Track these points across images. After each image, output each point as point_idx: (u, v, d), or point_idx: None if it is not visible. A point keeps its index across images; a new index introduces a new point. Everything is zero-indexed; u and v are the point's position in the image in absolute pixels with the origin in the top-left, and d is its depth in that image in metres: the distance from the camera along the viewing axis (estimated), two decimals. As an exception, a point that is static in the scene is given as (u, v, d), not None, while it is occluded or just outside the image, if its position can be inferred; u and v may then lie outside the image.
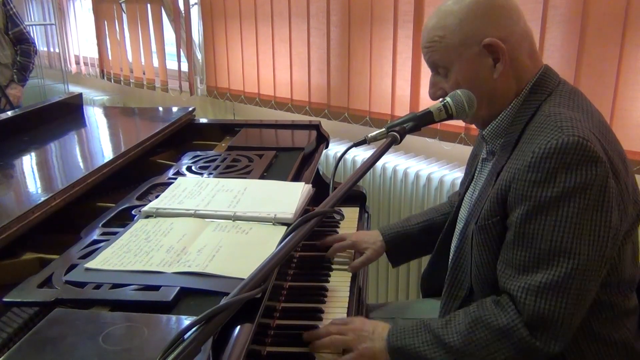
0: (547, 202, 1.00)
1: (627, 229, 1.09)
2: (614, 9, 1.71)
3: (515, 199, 1.04)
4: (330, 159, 2.55)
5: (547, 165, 1.00)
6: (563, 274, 1.00)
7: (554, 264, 1.00)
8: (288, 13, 2.71)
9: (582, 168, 0.98)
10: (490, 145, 1.21)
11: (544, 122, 1.06)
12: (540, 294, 1.01)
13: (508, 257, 1.07)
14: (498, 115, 1.17)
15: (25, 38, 3.29)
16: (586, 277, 1.00)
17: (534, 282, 1.02)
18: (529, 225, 1.03)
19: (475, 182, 1.29)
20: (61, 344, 0.79)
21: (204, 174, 1.52)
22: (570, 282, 1.00)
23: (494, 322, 1.04)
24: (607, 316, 1.11)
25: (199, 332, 0.65)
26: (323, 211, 0.89)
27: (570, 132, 1.00)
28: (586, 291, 1.01)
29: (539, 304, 1.01)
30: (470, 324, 1.07)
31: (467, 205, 1.29)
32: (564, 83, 1.17)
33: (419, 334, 1.10)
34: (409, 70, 2.26)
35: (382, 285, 2.47)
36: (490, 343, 1.04)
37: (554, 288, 1.00)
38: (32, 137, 1.80)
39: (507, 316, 1.04)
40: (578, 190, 0.98)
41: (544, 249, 1.01)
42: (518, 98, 1.15)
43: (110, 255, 1.05)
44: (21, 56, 3.25)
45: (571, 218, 0.99)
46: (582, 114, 1.08)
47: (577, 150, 0.98)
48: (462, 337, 1.06)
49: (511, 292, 1.05)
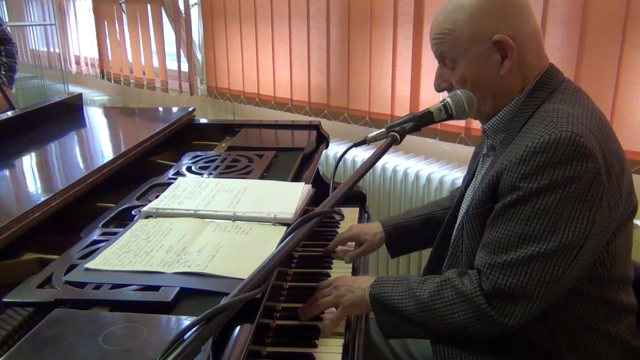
0: (531, 192, 1.02)
1: (617, 227, 1.10)
2: (614, 9, 1.71)
3: (504, 189, 1.06)
4: (330, 159, 2.55)
5: (537, 160, 1.01)
6: (528, 256, 1.03)
7: (521, 246, 1.04)
8: (288, 13, 2.71)
9: (572, 163, 1.00)
10: (490, 140, 1.22)
11: (541, 118, 1.07)
12: (502, 271, 1.05)
13: (483, 239, 1.12)
14: (500, 110, 1.17)
15: (7, 38, 3.24)
16: (553, 262, 1.02)
17: (500, 260, 1.06)
18: (508, 211, 1.06)
19: (476, 178, 1.30)
20: (61, 344, 0.79)
21: (204, 174, 1.52)
22: (533, 264, 1.02)
23: (459, 286, 1.10)
24: (600, 311, 1.12)
25: (199, 333, 0.65)
26: (323, 211, 0.89)
27: (564, 128, 1.01)
28: (551, 276, 1.02)
29: (499, 279, 1.05)
30: (440, 283, 1.13)
31: (467, 201, 1.29)
32: (567, 81, 1.17)
33: (398, 285, 1.17)
34: (408, 70, 2.26)
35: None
36: (452, 303, 1.10)
37: (516, 266, 1.04)
38: (32, 137, 1.80)
39: (470, 284, 1.09)
40: (562, 183, 1.00)
41: (515, 232, 1.04)
42: (521, 94, 1.15)
43: (110, 255, 1.05)
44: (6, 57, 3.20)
45: (549, 208, 1.01)
46: (582, 110, 1.08)
47: (569, 145, 0.99)
48: (430, 292, 1.12)
49: (478, 267, 1.10)
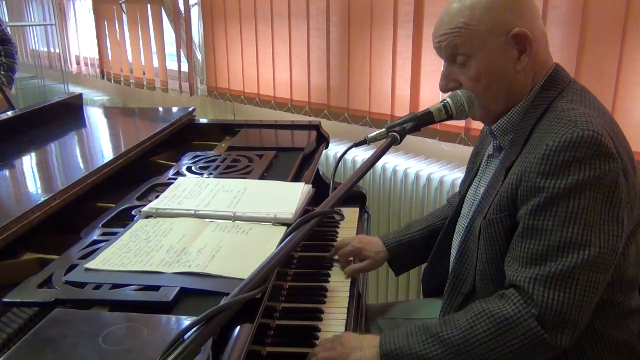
0: (558, 194, 0.99)
1: (632, 229, 1.09)
2: (614, 9, 1.71)
3: (527, 191, 1.03)
4: (330, 159, 2.55)
5: (560, 158, 0.99)
6: (573, 265, 0.98)
7: (563, 255, 0.99)
8: (288, 13, 2.71)
9: (596, 162, 0.98)
10: (498, 140, 1.20)
11: (557, 117, 1.05)
12: (549, 284, 0.98)
13: (516, 250, 1.05)
14: (509, 110, 1.16)
15: (6, 39, 3.23)
16: (595, 270, 0.99)
17: (543, 272, 0.99)
18: (538, 217, 1.01)
19: (479, 178, 1.28)
20: (61, 344, 0.79)
21: (204, 174, 1.52)
22: (579, 273, 0.98)
23: (499, 313, 1.01)
24: (609, 316, 1.10)
25: (199, 333, 0.65)
26: (323, 211, 0.89)
27: (584, 127, 0.99)
28: (595, 284, 0.99)
29: (547, 294, 0.98)
30: (471, 317, 1.04)
31: (470, 202, 1.29)
32: (574, 81, 1.17)
33: (414, 335, 1.07)
34: (408, 70, 2.26)
35: (382, 285, 2.47)
36: (494, 335, 1.00)
37: (562, 278, 0.98)
38: (32, 137, 1.80)
39: (513, 307, 1.01)
40: (590, 184, 0.98)
41: (553, 240, 1.00)
42: (530, 94, 1.14)
43: (110, 255, 1.05)
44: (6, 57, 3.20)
45: (582, 210, 0.98)
46: (594, 111, 1.08)
47: (592, 144, 0.98)
48: (462, 330, 1.03)
49: (518, 283, 1.02)
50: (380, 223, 2.40)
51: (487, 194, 1.17)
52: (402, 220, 2.31)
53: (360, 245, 1.48)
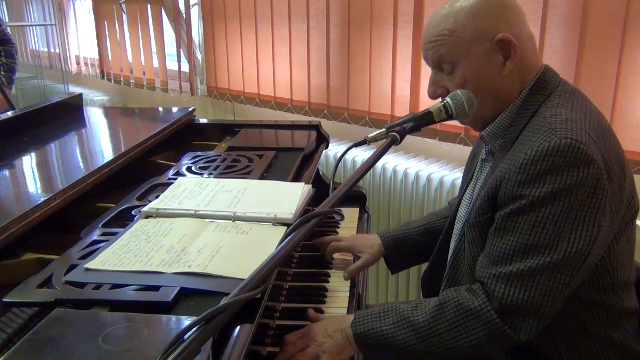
0: (533, 201, 1.01)
1: (619, 230, 1.09)
2: (614, 9, 1.71)
3: (505, 198, 1.05)
4: (330, 159, 2.55)
5: (537, 168, 1.00)
6: (534, 267, 1.00)
7: (527, 257, 1.01)
8: (288, 13, 2.71)
9: (573, 170, 0.98)
10: (489, 146, 1.21)
11: (540, 124, 1.06)
12: (509, 282, 1.02)
13: (486, 249, 1.09)
14: (499, 116, 1.16)
15: (7, 39, 3.23)
16: (558, 272, 1.00)
17: (505, 270, 1.03)
18: (510, 220, 1.04)
19: (474, 182, 1.29)
20: (61, 344, 0.79)
21: (204, 174, 1.52)
22: (540, 275, 1.00)
23: (465, 304, 1.05)
24: (602, 317, 1.11)
25: (199, 333, 0.65)
26: (323, 211, 0.89)
27: (562, 135, 1.00)
28: (558, 286, 1.01)
29: (507, 291, 1.02)
30: (440, 304, 1.07)
31: (466, 205, 1.29)
32: (564, 83, 1.16)
33: (385, 316, 1.09)
34: (408, 70, 2.26)
35: (382, 285, 2.47)
36: (459, 323, 1.04)
37: (522, 278, 1.01)
38: (32, 137, 1.80)
39: (478, 300, 1.05)
40: (565, 191, 0.98)
41: (520, 242, 1.02)
42: (518, 99, 1.14)
43: (110, 255, 1.05)
44: (6, 57, 3.19)
45: (553, 216, 0.99)
46: (581, 113, 1.07)
47: (569, 152, 0.98)
48: (430, 315, 1.06)
49: (482, 280, 1.06)
50: (380, 223, 2.40)
51: (477, 198, 1.17)
52: (402, 220, 2.31)
53: (354, 242, 1.48)
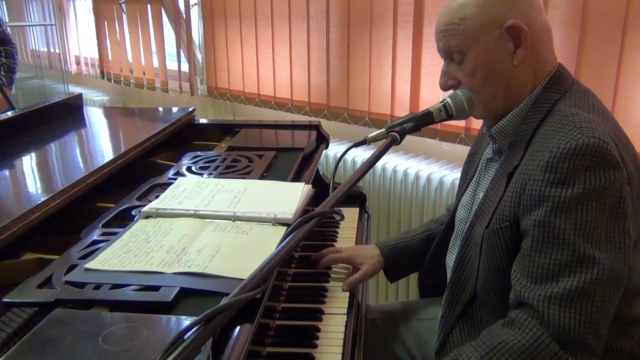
0: (565, 204, 0.95)
1: (636, 238, 1.05)
2: (614, 9, 1.71)
3: (532, 200, 0.99)
4: (330, 159, 2.55)
5: (565, 166, 0.95)
6: (588, 281, 0.93)
7: (576, 271, 0.94)
8: (288, 14, 2.71)
9: (602, 171, 0.94)
10: (498, 144, 1.17)
11: (561, 122, 1.02)
12: (565, 303, 0.93)
13: (525, 265, 1.00)
14: (510, 110, 1.13)
15: (7, 39, 3.23)
16: (610, 283, 0.95)
17: (557, 289, 0.94)
18: (546, 230, 0.97)
19: (477, 182, 1.26)
20: (61, 344, 0.79)
21: (204, 174, 1.52)
22: (595, 289, 0.93)
23: (515, 344, 0.94)
24: (612, 326, 1.05)
25: (199, 333, 0.65)
26: (323, 212, 0.89)
27: (590, 134, 0.96)
28: (611, 297, 0.96)
29: (564, 313, 0.93)
30: (486, 354, 0.96)
31: (466, 206, 1.27)
32: (577, 83, 1.13)
33: None
34: (408, 70, 2.26)
35: (382, 285, 2.47)
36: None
37: (579, 296, 0.93)
38: (32, 137, 1.80)
39: (530, 333, 0.94)
40: (596, 194, 0.94)
41: (565, 255, 0.95)
42: (531, 95, 1.11)
43: (110, 255, 1.05)
44: (6, 58, 3.19)
45: (590, 222, 0.94)
46: (598, 116, 1.05)
47: (597, 152, 0.95)
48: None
49: (531, 303, 0.96)
50: (380, 223, 2.40)
51: (488, 199, 1.14)
52: (402, 220, 2.31)
53: (353, 253, 1.44)
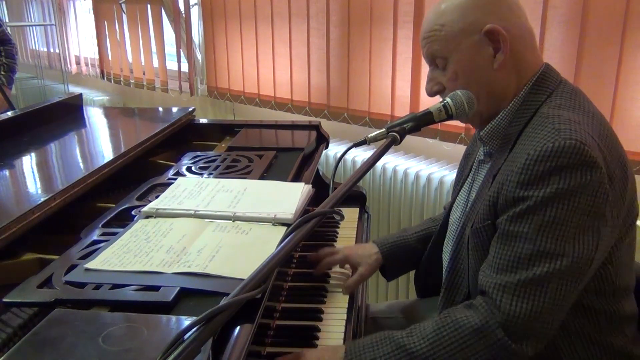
0: (536, 203, 0.98)
1: (620, 236, 1.07)
2: (614, 9, 1.71)
3: (506, 200, 1.02)
4: (330, 159, 2.55)
5: (540, 168, 0.97)
6: (543, 274, 0.97)
7: (534, 264, 0.97)
8: (288, 13, 2.71)
9: (577, 172, 0.96)
10: (487, 146, 1.19)
11: (542, 124, 1.04)
12: (516, 293, 0.97)
13: (490, 257, 1.05)
14: (497, 114, 1.14)
15: (7, 39, 3.22)
16: (566, 280, 0.97)
17: (512, 279, 0.98)
18: (514, 224, 1.00)
19: (470, 184, 1.26)
20: (61, 344, 0.79)
21: (203, 174, 1.52)
22: (549, 283, 0.97)
23: (466, 323, 0.99)
24: (603, 323, 1.09)
25: (199, 333, 0.65)
26: (323, 212, 0.89)
27: (567, 135, 0.97)
28: (565, 293, 0.98)
29: (514, 302, 0.97)
30: (437, 328, 1.01)
31: (460, 207, 1.27)
32: (565, 83, 1.14)
33: (380, 346, 1.03)
34: (408, 70, 2.26)
35: (382, 285, 2.47)
36: (461, 346, 0.98)
37: (531, 287, 0.97)
38: (32, 137, 1.80)
39: (480, 316, 0.99)
40: (569, 193, 0.96)
41: (526, 248, 0.98)
42: (517, 97, 1.12)
43: (110, 255, 1.05)
44: (6, 57, 3.19)
45: (558, 220, 0.96)
46: (583, 115, 1.05)
47: (573, 153, 0.96)
48: (428, 342, 1.00)
49: (486, 290, 1.02)
50: (380, 223, 2.40)
51: (477, 201, 1.15)
52: (402, 220, 2.31)
53: (350, 253, 1.42)
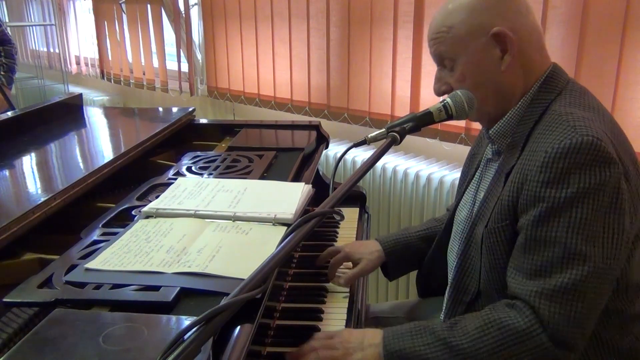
0: (560, 203, 0.97)
1: (637, 233, 1.06)
2: (614, 9, 1.71)
3: (528, 200, 1.02)
4: (330, 159, 2.55)
5: (560, 165, 0.97)
6: (579, 277, 0.96)
7: (568, 267, 0.97)
8: (288, 13, 2.71)
9: (596, 169, 0.96)
10: (496, 145, 1.18)
11: (555, 121, 1.03)
12: (555, 299, 0.97)
13: (519, 262, 1.03)
14: (505, 113, 1.14)
15: (7, 39, 3.22)
16: (601, 280, 0.97)
17: (548, 286, 0.98)
18: (541, 228, 1.00)
19: (478, 182, 1.26)
20: (61, 344, 0.79)
21: (204, 174, 1.52)
22: (586, 285, 0.96)
23: (511, 325, 0.99)
24: (614, 323, 1.08)
25: (199, 333, 0.65)
26: (323, 212, 0.89)
27: (584, 132, 0.98)
28: (601, 295, 0.98)
29: (555, 309, 0.97)
30: (481, 326, 1.01)
31: (467, 207, 1.27)
32: (573, 82, 1.14)
33: (419, 336, 1.04)
34: (409, 70, 2.26)
35: (382, 285, 2.47)
36: (503, 346, 0.98)
37: (569, 292, 0.96)
38: (32, 137, 1.80)
39: (525, 319, 0.99)
40: (591, 192, 0.96)
41: (557, 252, 0.98)
42: (526, 96, 1.12)
43: (110, 255, 1.05)
44: (5, 57, 3.19)
45: (584, 220, 0.96)
46: (594, 114, 1.06)
47: (591, 150, 0.96)
48: (471, 338, 1.00)
49: (524, 297, 1.00)
50: (380, 223, 2.40)
51: (488, 200, 1.15)
52: (402, 220, 2.31)
53: (351, 249, 1.42)
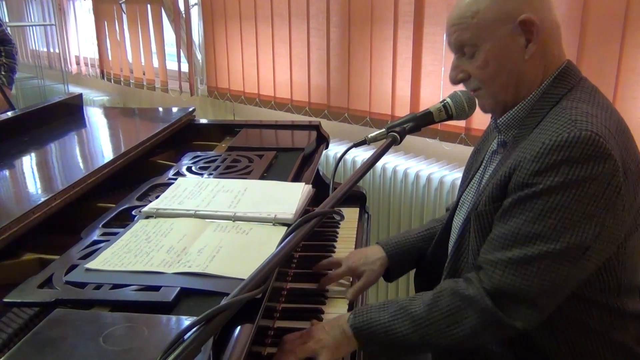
0: (541, 190, 0.99)
1: (629, 231, 1.07)
2: (614, 9, 1.71)
3: (515, 185, 1.04)
4: (330, 159, 2.55)
5: (553, 158, 0.99)
6: (533, 254, 1.00)
7: (527, 244, 1.01)
8: (288, 14, 2.71)
9: (588, 163, 0.97)
10: (503, 135, 1.18)
11: (559, 114, 1.04)
12: (507, 268, 1.02)
13: (490, 235, 1.08)
14: (517, 104, 1.14)
15: (7, 39, 3.22)
16: (557, 263, 0.99)
17: (504, 257, 1.03)
18: (517, 207, 1.03)
19: (482, 175, 1.26)
20: (61, 344, 0.79)
21: (204, 174, 1.52)
22: (539, 263, 1.00)
23: (460, 291, 1.06)
24: (605, 317, 1.09)
25: (200, 333, 0.65)
26: (323, 212, 0.89)
27: (583, 127, 0.98)
28: (555, 277, 1.00)
29: (503, 277, 1.02)
30: (436, 294, 1.08)
31: (468, 201, 1.26)
32: (585, 80, 1.15)
33: (384, 308, 1.09)
34: (409, 70, 2.26)
35: (382, 285, 2.47)
36: (454, 311, 1.05)
37: (520, 264, 1.01)
38: (32, 137, 1.80)
39: (473, 287, 1.05)
40: (577, 182, 0.97)
41: (523, 230, 1.01)
42: (538, 89, 1.12)
43: (111, 255, 1.05)
44: (6, 58, 3.18)
45: (561, 206, 0.98)
46: (602, 110, 1.06)
47: (588, 145, 0.97)
48: (427, 305, 1.07)
49: (482, 265, 1.06)
50: (380, 223, 2.40)
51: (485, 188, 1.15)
52: (402, 220, 2.31)
53: (353, 262, 1.39)
